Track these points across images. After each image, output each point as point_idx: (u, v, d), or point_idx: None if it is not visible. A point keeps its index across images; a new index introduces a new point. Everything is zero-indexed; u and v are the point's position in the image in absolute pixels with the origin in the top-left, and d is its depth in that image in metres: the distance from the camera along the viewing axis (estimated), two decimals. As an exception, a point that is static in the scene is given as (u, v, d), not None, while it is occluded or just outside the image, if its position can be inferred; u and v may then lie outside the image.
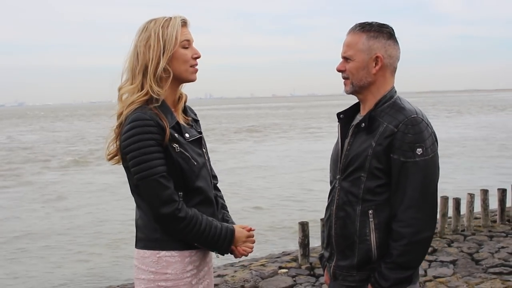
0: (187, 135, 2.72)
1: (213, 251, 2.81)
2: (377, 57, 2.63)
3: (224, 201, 3.04)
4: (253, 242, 2.88)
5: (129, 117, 2.62)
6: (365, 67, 2.64)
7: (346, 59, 2.68)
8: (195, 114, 2.98)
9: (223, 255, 2.83)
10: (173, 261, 2.68)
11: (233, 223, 2.92)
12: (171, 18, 2.71)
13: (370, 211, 2.61)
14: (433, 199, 2.58)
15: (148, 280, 2.70)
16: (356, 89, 2.71)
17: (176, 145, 2.63)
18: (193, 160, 2.68)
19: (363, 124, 2.66)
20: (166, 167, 2.61)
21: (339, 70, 2.73)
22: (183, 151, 2.65)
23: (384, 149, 2.55)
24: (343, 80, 2.74)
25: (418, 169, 2.52)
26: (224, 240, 2.72)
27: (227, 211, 3.00)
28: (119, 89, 2.76)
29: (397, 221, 2.55)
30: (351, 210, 2.65)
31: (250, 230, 2.86)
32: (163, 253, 2.68)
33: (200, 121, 2.99)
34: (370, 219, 2.61)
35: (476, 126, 42.76)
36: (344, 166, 2.70)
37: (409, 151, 2.51)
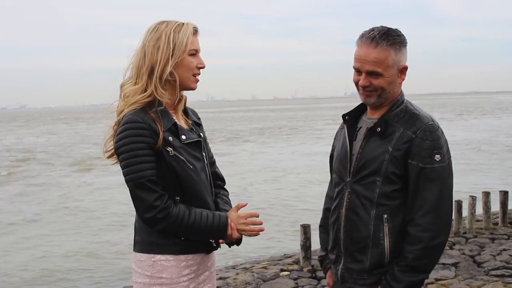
0: (183, 137, 2.70)
1: (212, 240, 2.77)
2: (403, 68, 2.65)
3: (229, 199, 3.00)
4: (251, 223, 2.78)
5: (124, 118, 2.62)
6: (394, 81, 2.64)
7: (372, 74, 2.61)
8: (199, 118, 2.97)
9: (219, 243, 2.79)
10: (168, 265, 2.67)
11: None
12: (183, 23, 2.69)
13: (385, 216, 2.61)
14: (449, 205, 2.60)
15: (144, 284, 2.70)
16: (382, 101, 2.67)
17: (170, 149, 2.62)
18: (188, 164, 2.66)
19: (379, 128, 2.64)
20: (156, 171, 2.60)
21: (364, 86, 2.64)
22: (177, 154, 2.63)
23: (401, 155, 2.56)
24: (365, 92, 2.65)
25: (437, 175, 2.54)
26: (218, 228, 2.69)
27: (231, 206, 2.94)
28: (121, 86, 2.75)
29: (414, 225, 2.56)
30: (365, 214, 2.64)
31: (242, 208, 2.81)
32: (158, 257, 2.68)
33: (203, 125, 2.98)
34: (385, 223, 2.61)
35: (477, 129, 42.72)
36: (356, 170, 2.68)
37: (427, 157, 2.53)
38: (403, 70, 2.65)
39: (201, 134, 2.87)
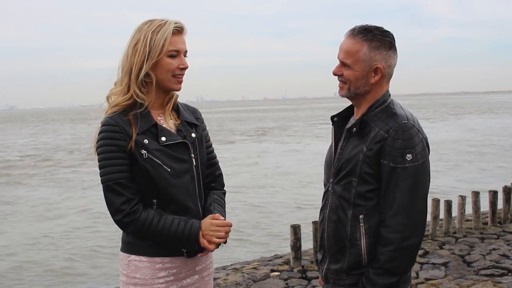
0: (163, 138, 2.66)
1: (183, 249, 2.71)
2: (377, 68, 2.60)
3: (222, 202, 2.93)
4: (226, 231, 2.72)
5: (102, 120, 2.65)
6: (364, 77, 2.61)
7: (344, 64, 2.63)
8: (197, 118, 2.89)
9: (195, 253, 2.73)
10: (141, 266, 2.68)
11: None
12: (165, 23, 2.65)
13: (361, 216, 2.59)
14: (422, 205, 2.56)
15: (122, 282, 2.74)
16: (352, 95, 2.68)
17: (144, 152, 2.60)
18: (165, 167, 2.63)
19: (355, 128, 2.65)
20: (126, 174, 2.60)
21: (336, 74, 2.68)
22: (152, 157, 2.60)
23: (374, 154, 2.53)
24: (339, 83, 2.69)
25: (408, 175, 2.50)
26: (189, 238, 2.64)
27: (223, 208, 2.90)
28: (111, 89, 2.75)
29: (385, 227, 2.54)
30: (343, 215, 2.64)
31: (217, 219, 2.73)
32: (132, 257, 2.69)
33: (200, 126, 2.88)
34: (361, 224, 2.59)
35: (467, 128, 42.91)
36: (337, 170, 2.68)
37: (398, 157, 2.49)
38: (377, 71, 2.60)
39: (193, 134, 2.79)
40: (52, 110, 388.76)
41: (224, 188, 3.03)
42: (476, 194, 8.84)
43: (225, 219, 2.78)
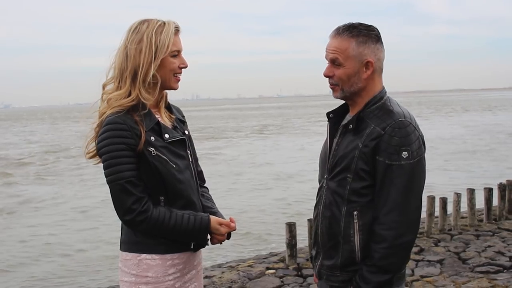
0: (166, 135, 2.69)
1: (193, 242, 2.78)
2: (367, 62, 2.60)
3: (210, 195, 3.04)
4: (226, 230, 2.82)
5: (106, 119, 2.61)
6: (356, 73, 2.61)
7: (334, 64, 2.63)
8: (183, 116, 2.96)
9: (202, 246, 2.83)
10: (153, 264, 2.67)
11: (217, 211, 2.93)
12: (164, 23, 2.66)
13: (355, 212, 2.59)
14: (416, 203, 2.56)
15: (130, 283, 2.70)
16: (346, 95, 2.67)
17: (152, 149, 2.61)
18: (171, 163, 2.65)
19: (351, 125, 2.64)
20: (135, 172, 2.59)
21: (327, 76, 2.68)
22: (159, 154, 2.63)
23: (370, 151, 2.53)
24: (330, 85, 2.69)
25: (403, 172, 2.50)
26: (199, 231, 2.71)
27: (213, 202, 3.00)
28: (104, 87, 2.73)
29: (379, 224, 2.54)
30: (337, 211, 2.64)
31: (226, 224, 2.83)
32: (143, 256, 2.68)
33: (187, 123, 2.97)
34: (355, 220, 2.59)
35: (462, 125, 42.99)
36: (331, 166, 2.68)
37: (394, 154, 2.49)
38: (368, 65, 2.61)
39: (185, 131, 2.86)
40: (47, 108, 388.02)
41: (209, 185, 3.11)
42: (471, 191, 8.85)
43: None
